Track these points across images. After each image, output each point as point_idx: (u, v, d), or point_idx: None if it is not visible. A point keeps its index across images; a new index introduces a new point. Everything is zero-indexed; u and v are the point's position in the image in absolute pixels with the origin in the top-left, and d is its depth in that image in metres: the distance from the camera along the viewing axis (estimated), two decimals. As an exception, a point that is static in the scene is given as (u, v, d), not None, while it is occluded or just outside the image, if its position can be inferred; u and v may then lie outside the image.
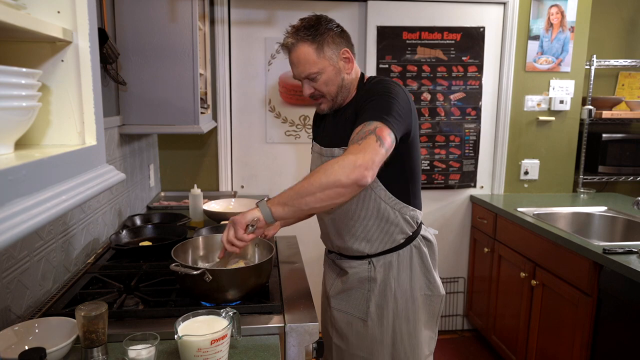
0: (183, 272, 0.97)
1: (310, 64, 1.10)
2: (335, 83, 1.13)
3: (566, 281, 1.73)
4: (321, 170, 0.95)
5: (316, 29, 1.09)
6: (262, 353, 0.88)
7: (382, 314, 1.17)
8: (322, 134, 1.25)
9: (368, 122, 1.00)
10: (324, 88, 1.13)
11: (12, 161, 0.50)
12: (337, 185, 0.93)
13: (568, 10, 2.37)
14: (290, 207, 0.97)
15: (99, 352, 0.80)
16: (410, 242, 1.18)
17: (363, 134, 0.98)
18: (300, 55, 1.10)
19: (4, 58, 0.65)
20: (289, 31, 1.12)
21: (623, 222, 2.07)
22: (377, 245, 1.16)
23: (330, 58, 1.11)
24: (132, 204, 1.84)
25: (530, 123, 2.48)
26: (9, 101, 0.53)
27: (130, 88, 1.64)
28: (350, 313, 1.20)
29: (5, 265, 0.93)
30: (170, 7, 1.61)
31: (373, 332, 1.17)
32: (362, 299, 1.18)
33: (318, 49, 1.10)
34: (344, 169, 0.92)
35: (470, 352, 2.41)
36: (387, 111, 1.02)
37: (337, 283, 1.24)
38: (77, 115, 0.68)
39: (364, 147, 0.95)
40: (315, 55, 1.10)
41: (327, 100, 1.16)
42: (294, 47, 1.11)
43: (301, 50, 1.10)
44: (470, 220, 2.54)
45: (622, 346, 1.49)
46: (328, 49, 1.11)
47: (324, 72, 1.11)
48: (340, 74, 1.13)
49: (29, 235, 0.80)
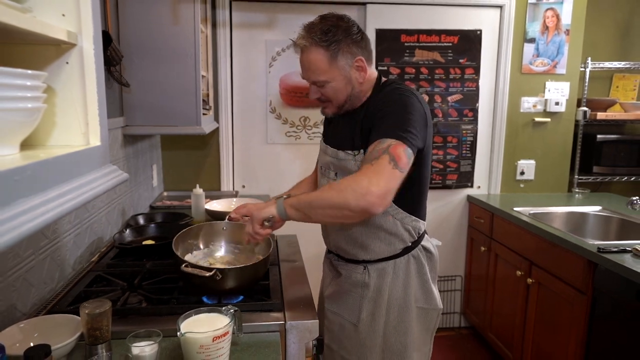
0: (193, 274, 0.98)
1: (320, 72, 1.04)
2: (344, 92, 1.07)
3: (561, 279, 1.75)
4: (335, 187, 0.93)
5: (333, 34, 1.02)
6: (263, 350, 0.88)
7: (373, 320, 1.13)
8: (331, 132, 1.20)
9: (382, 139, 0.94)
10: (331, 95, 1.08)
11: (18, 161, 0.51)
12: (345, 208, 0.91)
13: (563, 13, 2.39)
14: (300, 214, 0.98)
15: (103, 348, 0.81)
16: (409, 252, 1.14)
17: (376, 153, 0.93)
18: (311, 60, 1.04)
19: (9, 60, 0.66)
20: (304, 29, 1.05)
21: (617, 222, 2.10)
22: (374, 253, 1.13)
23: (342, 68, 1.05)
24: (136, 204, 1.85)
25: (526, 124, 2.50)
26: (15, 102, 0.53)
27: (133, 90, 1.65)
28: (342, 316, 1.17)
29: (11, 263, 0.94)
30: (173, 10, 1.62)
31: (363, 337, 1.14)
32: (355, 303, 1.15)
33: (331, 57, 1.03)
34: (355, 194, 0.89)
35: (467, 349, 2.43)
36: (402, 126, 0.96)
37: (332, 285, 1.22)
38: (81, 117, 0.68)
39: (378, 170, 0.90)
40: (327, 63, 1.03)
41: (333, 106, 1.11)
42: (305, 49, 1.04)
43: (313, 55, 1.03)
44: (467, 219, 2.56)
45: (616, 343, 1.51)
46: (342, 58, 1.04)
47: (333, 81, 1.06)
48: (351, 84, 1.07)
49: (35, 234, 0.82)
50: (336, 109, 1.12)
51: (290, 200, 0.99)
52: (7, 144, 0.55)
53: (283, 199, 1.00)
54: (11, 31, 0.53)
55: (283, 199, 1.00)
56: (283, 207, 0.99)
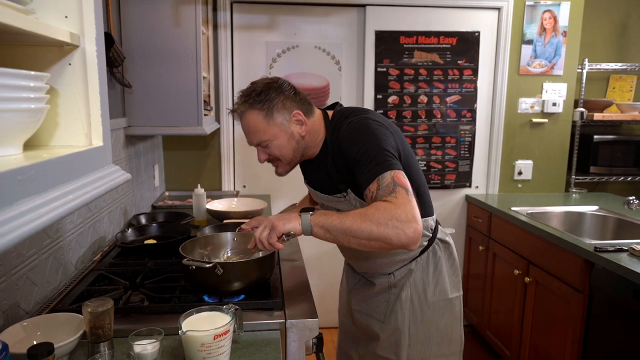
0: (195, 267, 0.99)
1: (261, 132, 1.07)
2: (289, 148, 1.09)
3: (559, 278, 1.76)
4: (374, 219, 0.90)
5: (266, 94, 1.06)
6: (263, 348, 0.89)
7: (397, 317, 1.17)
8: (309, 176, 1.22)
9: (379, 176, 0.95)
10: (277, 153, 1.09)
11: (21, 161, 0.51)
12: (385, 242, 0.91)
13: (560, 15, 2.41)
14: (331, 236, 0.95)
15: (105, 347, 0.81)
16: (428, 249, 1.17)
17: (387, 187, 0.94)
18: (250, 124, 1.07)
19: (13, 61, 0.66)
20: (239, 97, 1.09)
21: (614, 221, 2.11)
22: (398, 262, 1.17)
23: (280, 124, 1.07)
24: (138, 203, 1.86)
25: (524, 125, 2.52)
26: (18, 103, 0.53)
27: (135, 91, 1.66)
28: (370, 315, 1.22)
29: (14, 262, 0.95)
30: (175, 12, 1.63)
31: (390, 334, 1.18)
32: (382, 303, 1.19)
33: (267, 115, 1.05)
34: (397, 230, 0.89)
35: (466, 347, 2.41)
36: (384, 156, 0.97)
37: (359, 286, 1.26)
38: (84, 117, 0.68)
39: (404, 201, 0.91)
40: (265, 122, 1.06)
41: (283, 164, 1.12)
42: (243, 114, 1.07)
43: (250, 117, 1.06)
44: (465, 219, 2.58)
45: (613, 340, 1.52)
46: (278, 115, 1.06)
47: (275, 139, 1.07)
48: (294, 138, 1.09)
49: (38, 233, 0.83)
50: (288, 166, 1.13)
51: (318, 219, 0.95)
52: (10, 144, 0.56)
53: (309, 215, 0.96)
54: (15, 33, 0.54)
55: (309, 215, 0.96)
56: (310, 224, 0.96)
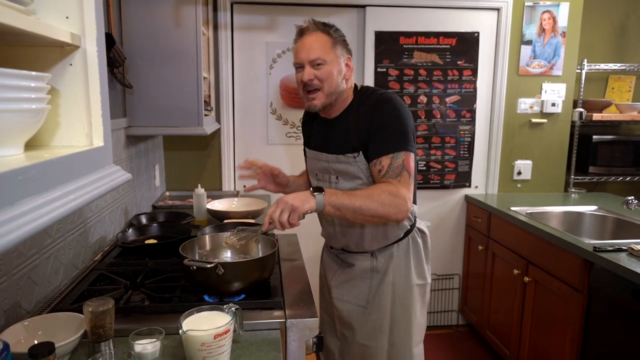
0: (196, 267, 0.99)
1: (323, 51, 1.13)
2: (335, 81, 1.15)
3: (558, 278, 1.77)
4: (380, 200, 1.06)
5: (334, 29, 1.17)
6: (263, 347, 0.89)
7: (381, 301, 1.22)
8: (320, 139, 1.26)
9: (394, 154, 1.11)
10: (325, 78, 1.14)
11: (23, 161, 0.51)
12: (385, 218, 1.09)
13: (560, 15, 2.42)
14: (340, 214, 1.08)
15: (106, 346, 0.81)
16: (409, 234, 1.25)
17: (397, 169, 1.11)
18: (316, 41, 1.14)
19: (14, 62, 0.66)
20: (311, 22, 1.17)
21: (613, 221, 2.11)
22: (381, 242, 1.23)
23: (338, 56, 1.16)
24: (138, 203, 1.87)
25: (523, 125, 2.52)
26: (20, 103, 0.53)
27: (136, 91, 1.67)
28: (351, 302, 1.25)
29: (15, 262, 0.95)
30: (175, 12, 1.64)
31: (373, 319, 1.22)
32: (364, 288, 1.23)
33: (333, 43, 1.15)
34: (395, 208, 1.07)
35: (465, 347, 2.45)
36: (404, 136, 1.12)
37: (338, 274, 1.29)
38: (85, 117, 0.69)
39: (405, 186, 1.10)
40: (330, 46, 1.14)
41: (322, 95, 1.16)
42: (313, 32, 1.15)
43: (319, 36, 1.14)
44: (465, 219, 2.58)
45: (612, 340, 1.53)
46: (339, 49, 1.16)
47: (329, 64, 1.14)
48: (341, 75, 1.17)
49: (39, 233, 0.82)
50: (325, 99, 1.17)
51: (331, 199, 1.06)
52: (11, 144, 0.56)
53: (322, 195, 1.06)
54: (16, 33, 0.54)
55: (322, 195, 1.06)
56: (323, 203, 1.06)
